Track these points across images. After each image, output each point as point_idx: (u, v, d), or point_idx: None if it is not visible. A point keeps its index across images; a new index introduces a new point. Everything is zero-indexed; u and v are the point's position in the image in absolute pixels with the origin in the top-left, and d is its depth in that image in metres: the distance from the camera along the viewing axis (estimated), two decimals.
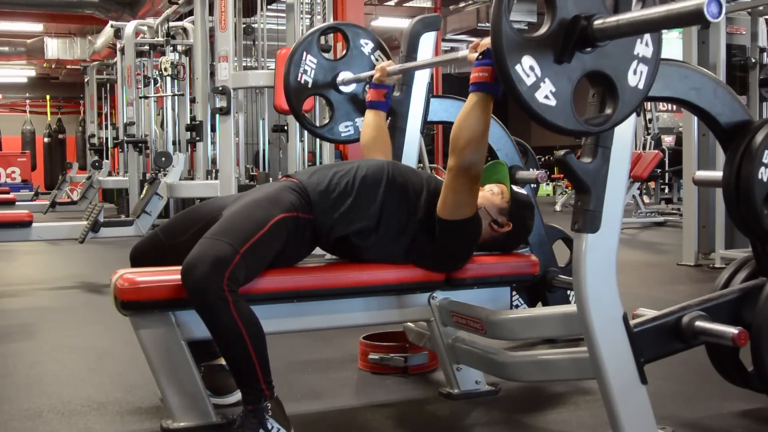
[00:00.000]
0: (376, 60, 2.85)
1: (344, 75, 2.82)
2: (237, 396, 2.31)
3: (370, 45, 2.88)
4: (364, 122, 2.65)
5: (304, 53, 2.79)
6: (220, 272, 1.88)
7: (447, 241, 2.18)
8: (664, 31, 1.56)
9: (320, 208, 2.14)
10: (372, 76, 2.64)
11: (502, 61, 1.49)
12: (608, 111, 1.61)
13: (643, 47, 1.62)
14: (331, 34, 5.14)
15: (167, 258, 2.13)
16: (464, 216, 2.14)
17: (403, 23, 11.32)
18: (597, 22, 1.51)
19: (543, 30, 1.53)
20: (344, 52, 2.88)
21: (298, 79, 2.79)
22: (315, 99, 5.26)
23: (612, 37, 1.52)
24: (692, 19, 1.33)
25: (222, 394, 2.29)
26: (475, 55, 2.03)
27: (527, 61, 1.50)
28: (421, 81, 2.79)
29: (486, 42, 1.98)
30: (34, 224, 4.66)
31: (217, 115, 5.54)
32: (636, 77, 1.61)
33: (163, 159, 7.13)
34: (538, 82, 1.51)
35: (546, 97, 1.52)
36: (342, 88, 2.84)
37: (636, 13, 1.47)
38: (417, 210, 2.21)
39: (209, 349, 2.28)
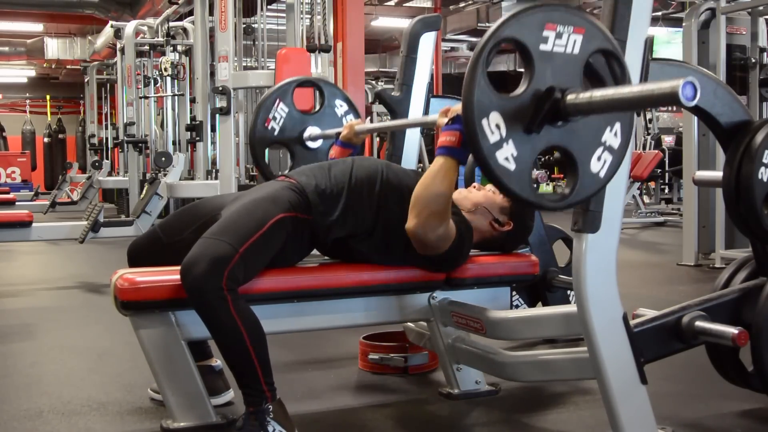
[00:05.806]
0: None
1: (312, 130, 2.79)
2: (227, 397, 2.32)
3: (344, 107, 2.85)
4: None
5: (277, 100, 2.76)
6: (219, 271, 1.88)
7: (441, 261, 2.19)
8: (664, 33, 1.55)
9: (318, 209, 2.14)
10: (339, 134, 2.61)
11: (470, 113, 1.45)
12: (566, 190, 1.57)
13: (611, 136, 1.57)
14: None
15: (165, 255, 2.14)
16: (445, 248, 2.11)
17: (403, 23, 11.31)
18: (570, 96, 1.48)
19: (517, 92, 1.49)
20: (317, 108, 2.85)
21: (266, 124, 2.75)
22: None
23: (584, 112, 1.49)
24: (667, 100, 1.30)
25: (212, 394, 2.29)
26: (445, 120, 2.01)
27: (495, 118, 1.46)
28: (420, 81, 2.80)
29: (456, 108, 1.95)
30: (34, 224, 4.67)
31: (217, 115, 5.53)
32: (599, 164, 1.57)
33: (163, 159, 7.13)
34: (501, 141, 1.47)
35: (506, 159, 1.48)
36: (308, 143, 2.80)
37: (610, 90, 1.44)
38: None
39: (200, 350, 2.28)
